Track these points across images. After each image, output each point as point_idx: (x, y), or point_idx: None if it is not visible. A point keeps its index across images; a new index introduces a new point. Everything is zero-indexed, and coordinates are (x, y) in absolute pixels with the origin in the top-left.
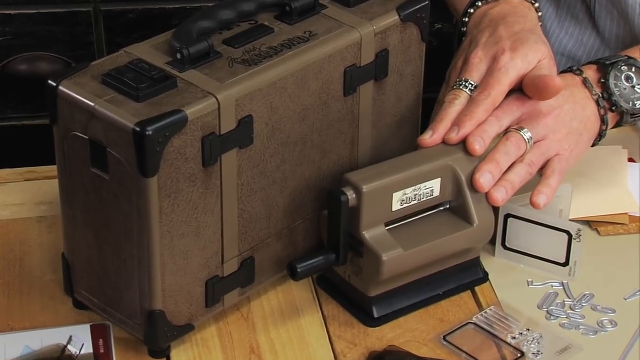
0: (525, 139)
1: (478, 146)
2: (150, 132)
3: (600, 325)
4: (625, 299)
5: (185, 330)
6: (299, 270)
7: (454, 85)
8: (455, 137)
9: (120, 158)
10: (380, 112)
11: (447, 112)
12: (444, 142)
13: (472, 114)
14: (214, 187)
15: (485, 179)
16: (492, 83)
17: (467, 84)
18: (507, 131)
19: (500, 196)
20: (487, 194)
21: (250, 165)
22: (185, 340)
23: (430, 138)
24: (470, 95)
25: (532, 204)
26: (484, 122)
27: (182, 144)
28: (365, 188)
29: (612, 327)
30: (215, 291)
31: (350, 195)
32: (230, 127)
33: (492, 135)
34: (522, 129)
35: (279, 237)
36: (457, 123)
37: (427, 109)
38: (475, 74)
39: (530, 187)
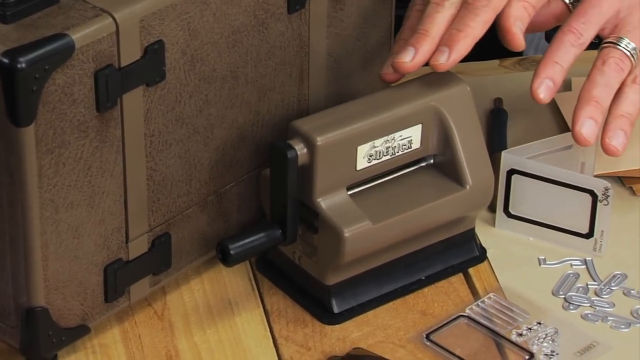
0: (628, 52)
1: (543, 93)
2: (23, 65)
3: (635, 315)
4: None
5: (78, 333)
6: (232, 251)
7: None
8: (445, 62)
9: None
10: (338, 35)
11: (432, 21)
12: (431, 67)
13: (467, 28)
14: (112, 139)
15: (588, 128)
16: None
17: None
18: (600, 46)
19: (619, 143)
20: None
21: (162, 108)
22: (77, 348)
23: (412, 61)
24: None
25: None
26: (550, 49)
27: (67, 81)
28: (319, 140)
29: None
30: (118, 280)
31: (300, 149)
32: (134, 57)
33: (566, 68)
34: (620, 39)
35: (204, 206)
36: (446, 41)
37: None
38: None
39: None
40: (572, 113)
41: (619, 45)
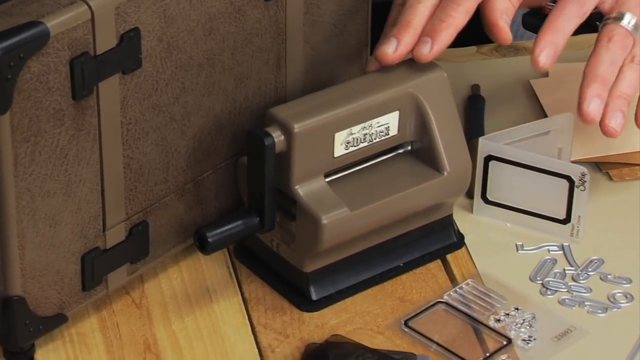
0: (630, 28)
1: (544, 59)
2: None
3: (612, 299)
4: None
5: (55, 322)
6: (210, 239)
7: None
8: (428, 52)
9: None
10: (315, 22)
11: (414, 11)
12: (414, 58)
13: (449, 18)
14: (88, 127)
15: (594, 107)
16: None
17: None
18: (601, 22)
19: (617, 124)
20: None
21: (139, 96)
22: (55, 337)
23: (395, 52)
24: None
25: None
26: (551, 17)
27: (42, 69)
28: (297, 127)
29: (627, 302)
30: (95, 269)
31: (277, 136)
32: (109, 44)
33: (567, 36)
34: (622, 15)
35: (181, 194)
36: (428, 32)
37: (380, 17)
38: None
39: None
40: (549, 100)
41: (622, 22)
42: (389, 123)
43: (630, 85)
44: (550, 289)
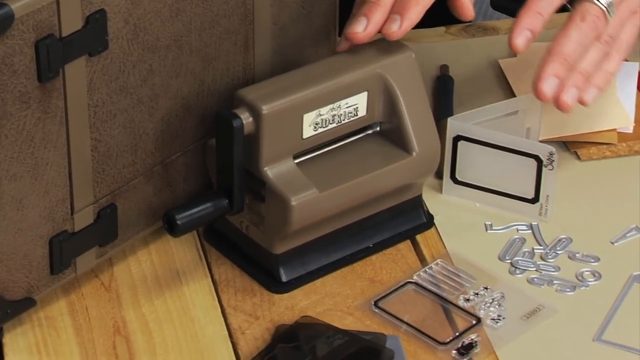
0: (605, 9)
1: (521, 43)
2: None
3: (580, 278)
4: (612, 243)
5: (23, 306)
6: (179, 221)
7: None
8: (397, 30)
9: None
10: (282, 3)
11: None
12: (383, 35)
13: None
14: (55, 109)
15: (549, 86)
16: None
17: None
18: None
19: (570, 98)
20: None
21: (106, 78)
22: (23, 320)
23: (365, 31)
24: None
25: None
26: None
27: (7, 52)
28: (265, 108)
29: (595, 280)
30: (63, 252)
31: (245, 118)
32: (75, 26)
33: (547, 19)
34: None
35: (150, 177)
36: (397, 9)
37: None
38: None
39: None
40: (517, 79)
41: (597, 2)
42: (358, 104)
43: (590, 64)
44: (519, 268)
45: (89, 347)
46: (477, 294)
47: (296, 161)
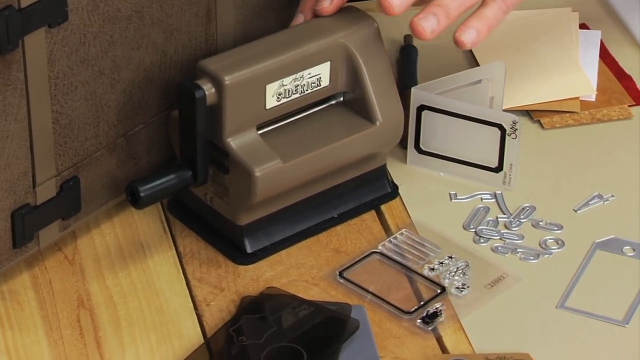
0: None
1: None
2: None
3: (543, 246)
4: (575, 211)
5: None
6: (142, 193)
7: None
8: (329, 5)
9: None
10: None
11: None
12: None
13: None
14: (15, 82)
15: (427, 23)
16: None
17: None
18: None
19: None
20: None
21: (66, 50)
22: None
23: (333, 3)
24: None
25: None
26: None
27: None
28: (227, 79)
29: (558, 248)
30: (26, 225)
31: (208, 89)
32: None
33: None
34: None
35: (113, 149)
36: None
37: None
38: None
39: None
40: (480, 48)
41: None
42: (321, 74)
43: (481, 20)
44: (483, 237)
45: (53, 321)
46: (441, 263)
47: (260, 132)
